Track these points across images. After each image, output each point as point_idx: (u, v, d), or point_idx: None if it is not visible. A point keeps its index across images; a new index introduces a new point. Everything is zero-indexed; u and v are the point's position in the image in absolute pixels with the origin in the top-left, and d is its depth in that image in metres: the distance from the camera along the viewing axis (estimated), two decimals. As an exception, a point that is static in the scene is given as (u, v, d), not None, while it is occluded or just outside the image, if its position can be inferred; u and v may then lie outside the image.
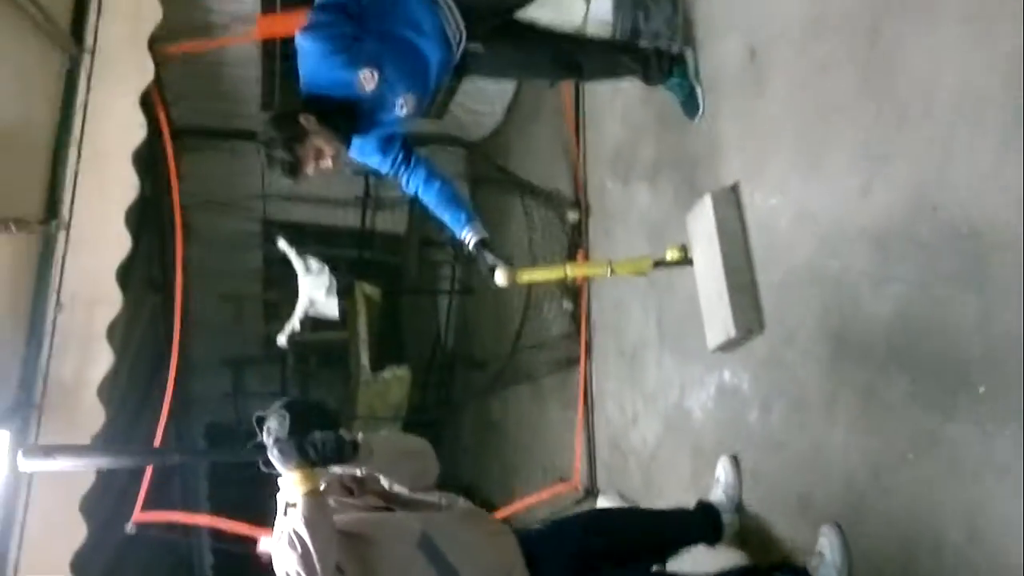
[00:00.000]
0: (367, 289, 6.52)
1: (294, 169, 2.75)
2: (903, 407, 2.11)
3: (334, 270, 4.13)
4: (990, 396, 1.84)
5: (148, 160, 4.61)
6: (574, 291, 4.56)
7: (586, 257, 4.52)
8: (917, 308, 2.08)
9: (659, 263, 3.08)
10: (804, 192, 2.57)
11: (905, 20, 2.16)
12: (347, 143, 2.88)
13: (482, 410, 6.53)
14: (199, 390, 7.61)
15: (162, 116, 4.38)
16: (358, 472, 2.15)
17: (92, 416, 3.64)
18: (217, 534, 4.32)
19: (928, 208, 2.04)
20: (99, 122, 3.71)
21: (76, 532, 3.59)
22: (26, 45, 3.43)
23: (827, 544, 2.37)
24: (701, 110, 3.19)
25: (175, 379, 4.37)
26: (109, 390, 3.84)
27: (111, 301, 3.70)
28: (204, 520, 4.18)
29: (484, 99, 6.30)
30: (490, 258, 2.97)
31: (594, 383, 4.37)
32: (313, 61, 2.71)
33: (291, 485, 2.01)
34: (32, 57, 3.50)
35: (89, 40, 3.72)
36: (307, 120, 2.70)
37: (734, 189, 2.94)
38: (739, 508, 2.85)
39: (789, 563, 2.47)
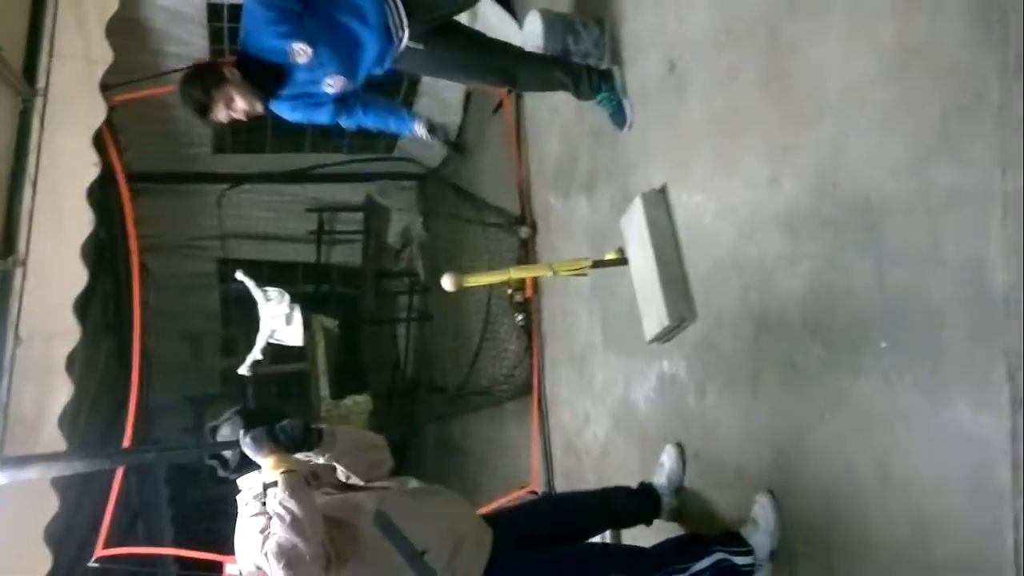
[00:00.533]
0: (325, 322, 6.62)
1: (204, 110, 2.95)
2: (818, 372, 2.30)
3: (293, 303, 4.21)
4: (891, 349, 2.03)
5: (102, 204, 4.69)
6: (526, 306, 4.72)
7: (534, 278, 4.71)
8: (825, 280, 2.27)
9: (597, 263, 3.27)
10: (723, 188, 2.78)
11: (799, 24, 2.38)
12: (265, 102, 3.06)
13: (444, 434, 6.64)
14: (159, 432, 7.59)
15: (115, 161, 4.41)
16: (320, 460, 2.28)
17: (52, 447, 3.68)
18: (183, 565, 4.34)
19: (829, 186, 2.25)
20: (53, 161, 3.82)
21: (41, 563, 3.62)
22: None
23: (760, 511, 2.53)
24: (629, 121, 3.41)
25: (135, 421, 4.37)
26: (69, 430, 3.90)
27: (69, 333, 3.77)
28: (168, 551, 4.20)
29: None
30: (441, 134, 3.54)
31: (547, 391, 4.52)
32: (254, 23, 2.92)
33: (267, 470, 2.14)
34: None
35: (41, 82, 3.84)
36: (231, 72, 2.90)
37: (662, 191, 3.14)
38: (679, 491, 3.02)
39: (727, 534, 2.61)
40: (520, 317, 4.79)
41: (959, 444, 1.84)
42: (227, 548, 3.95)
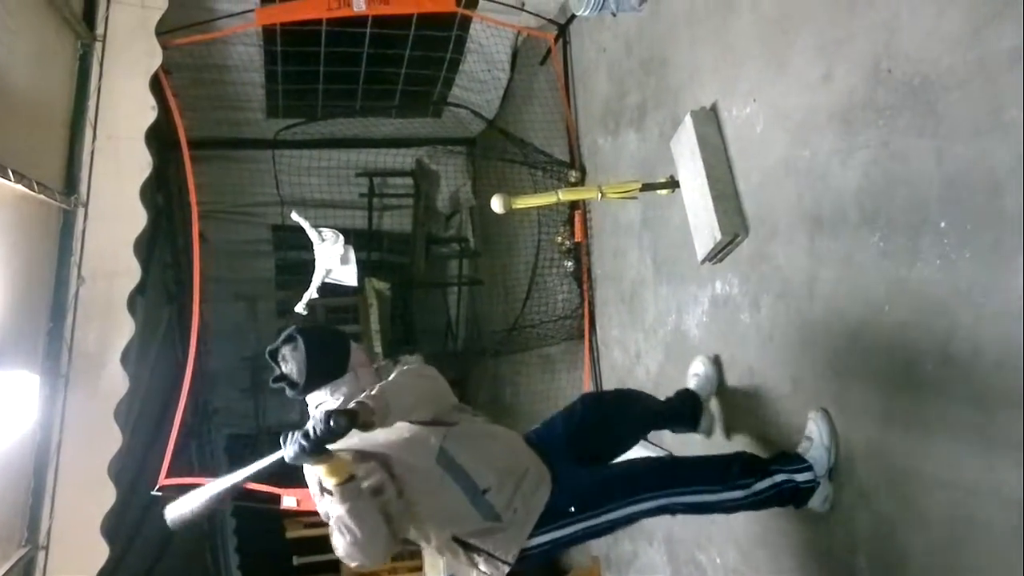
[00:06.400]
0: (377, 284, 6.69)
1: None
2: (875, 264, 2.24)
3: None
4: (950, 227, 1.97)
5: (159, 172, 4.75)
6: (575, 251, 4.71)
7: (584, 220, 4.69)
8: (881, 168, 2.21)
9: (647, 186, 3.23)
10: (774, 94, 2.73)
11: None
12: None
13: (495, 395, 6.65)
14: (219, 401, 7.76)
15: (180, 128, 4.35)
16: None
17: (115, 383, 3.79)
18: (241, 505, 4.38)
19: (884, 72, 2.19)
20: (112, 104, 3.92)
21: (106, 495, 3.73)
22: (45, 25, 3.64)
23: (814, 428, 2.49)
24: None
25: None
26: (132, 368, 4.00)
27: (130, 272, 3.86)
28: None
29: (479, 90, 6.49)
30: None
31: (598, 333, 4.50)
32: None
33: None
34: (50, 38, 3.70)
35: (100, 28, 3.95)
36: None
37: (713, 108, 3.10)
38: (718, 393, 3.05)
39: (783, 454, 2.57)
40: (570, 264, 4.77)
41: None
42: (282, 481, 4.04)
